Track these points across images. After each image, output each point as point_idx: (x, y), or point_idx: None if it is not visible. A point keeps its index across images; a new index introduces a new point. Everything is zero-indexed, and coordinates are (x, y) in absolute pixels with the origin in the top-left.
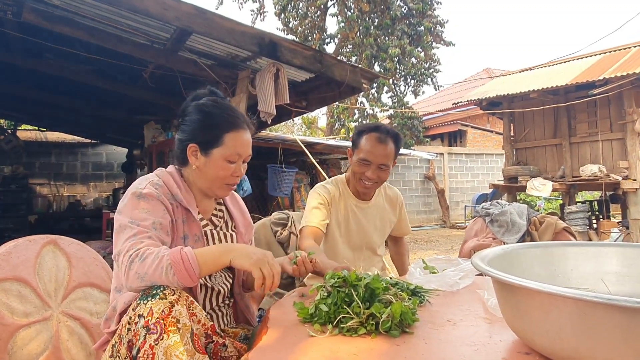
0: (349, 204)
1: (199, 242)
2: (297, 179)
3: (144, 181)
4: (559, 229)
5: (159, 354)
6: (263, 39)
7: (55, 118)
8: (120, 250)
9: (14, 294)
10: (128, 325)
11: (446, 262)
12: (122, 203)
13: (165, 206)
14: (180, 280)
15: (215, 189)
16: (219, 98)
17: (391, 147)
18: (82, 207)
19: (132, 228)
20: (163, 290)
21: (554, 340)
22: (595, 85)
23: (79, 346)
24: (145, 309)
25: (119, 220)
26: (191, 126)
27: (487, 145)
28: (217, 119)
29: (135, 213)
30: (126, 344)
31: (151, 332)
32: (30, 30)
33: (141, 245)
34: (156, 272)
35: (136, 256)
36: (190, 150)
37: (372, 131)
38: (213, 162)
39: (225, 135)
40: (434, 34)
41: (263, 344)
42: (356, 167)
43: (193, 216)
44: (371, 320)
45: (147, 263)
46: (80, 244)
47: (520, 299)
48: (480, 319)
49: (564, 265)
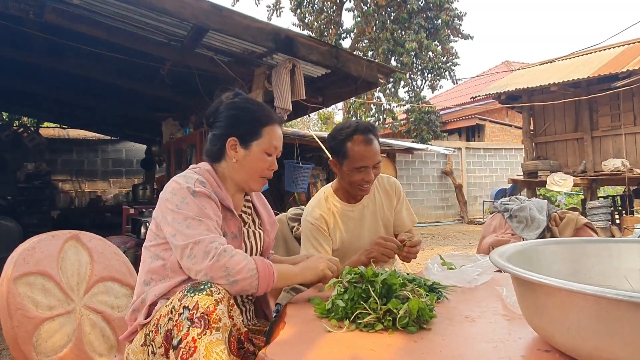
0: (344, 214)
1: (236, 240)
2: (314, 175)
3: (190, 179)
4: (580, 224)
5: (200, 348)
6: (279, 35)
7: (76, 116)
8: (200, 240)
9: (38, 287)
10: (169, 315)
11: (464, 258)
12: (175, 196)
13: (216, 204)
14: (260, 286)
15: (251, 183)
16: (247, 95)
17: (376, 142)
18: (103, 202)
19: (203, 222)
20: (210, 287)
21: (574, 338)
22: (618, 77)
23: (100, 339)
24: (192, 301)
25: (179, 213)
26: (228, 121)
27: (506, 140)
28: (255, 113)
29: (199, 209)
30: (164, 333)
31: (195, 325)
32: (52, 30)
33: (222, 240)
34: (243, 271)
35: (224, 250)
36: (229, 144)
37: (354, 134)
38: (253, 155)
39: (264, 128)
40: (451, 27)
41: (280, 338)
42: (353, 176)
43: (232, 213)
44: (388, 316)
45: (237, 260)
46: (101, 239)
47: (540, 296)
48: (499, 316)
49: (585, 262)
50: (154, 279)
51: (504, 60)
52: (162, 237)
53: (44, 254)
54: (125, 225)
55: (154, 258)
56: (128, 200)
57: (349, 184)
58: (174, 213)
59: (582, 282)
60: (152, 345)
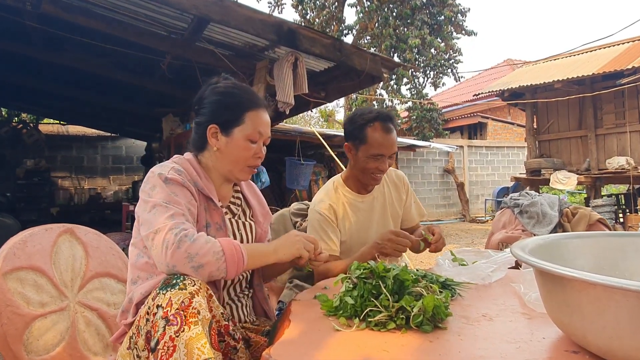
0: (354, 204)
1: (221, 231)
2: (315, 172)
3: (165, 167)
4: (593, 220)
5: (180, 346)
6: (281, 27)
7: (75, 112)
8: (159, 229)
9: (29, 283)
10: (147, 315)
11: (475, 254)
12: (147, 185)
13: (191, 192)
14: (228, 269)
15: (236, 172)
16: (233, 80)
17: (395, 133)
18: (103, 199)
19: (169, 208)
20: (183, 281)
21: (610, 339)
22: (623, 74)
23: (96, 337)
24: (164, 299)
25: (148, 201)
26: (210, 107)
27: (508, 138)
28: (237, 97)
29: (167, 195)
30: (144, 335)
31: (171, 323)
32: (50, 22)
33: (185, 225)
34: (208, 254)
35: (185, 236)
36: (210, 132)
37: (375, 121)
38: (234, 142)
39: (246, 113)
40: (454, 23)
41: (285, 338)
42: (368, 163)
43: (214, 204)
44: (401, 314)
45: (199, 244)
46: (96, 234)
47: (570, 292)
48: (519, 314)
49: (610, 257)
50: (141, 277)
51: (507, 59)
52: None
53: (36, 248)
54: (125, 222)
55: (139, 255)
56: (128, 197)
57: (362, 171)
58: (143, 202)
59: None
60: (136, 349)
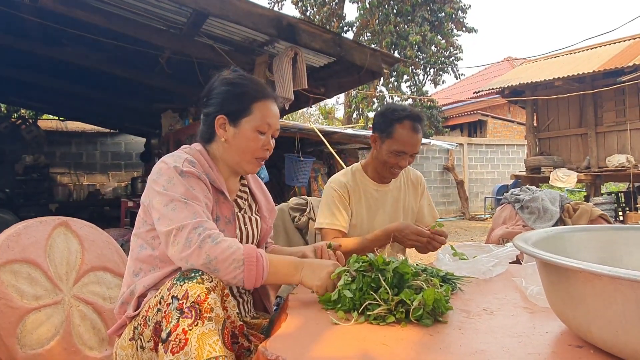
0: (368, 190)
1: (230, 225)
2: (315, 169)
3: (179, 159)
4: (594, 216)
5: (192, 340)
6: (281, 21)
7: (74, 108)
8: (183, 225)
9: (23, 276)
10: (158, 305)
11: (476, 248)
12: (162, 177)
13: (206, 185)
14: (245, 280)
15: (244, 164)
16: (242, 72)
17: (422, 134)
18: (102, 196)
19: (188, 204)
20: (201, 275)
21: (616, 332)
22: (624, 72)
23: (91, 331)
24: (181, 290)
25: (165, 195)
26: (218, 98)
27: (508, 136)
28: (245, 88)
29: (187, 190)
30: (152, 325)
31: (185, 316)
32: (48, 17)
33: (208, 224)
34: (226, 261)
35: (208, 237)
36: (218, 123)
37: (405, 119)
38: (243, 133)
39: (254, 104)
40: (455, 20)
41: (282, 331)
42: (390, 157)
43: (224, 197)
44: (400, 307)
45: (220, 248)
46: (92, 227)
47: (575, 285)
48: (520, 308)
49: (613, 250)
50: (143, 269)
51: (507, 57)
52: (150, 223)
53: (30, 241)
54: (124, 218)
55: (143, 246)
56: (127, 193)
57: (382, 163)
58: (159, 195)
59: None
60: (140, 339)
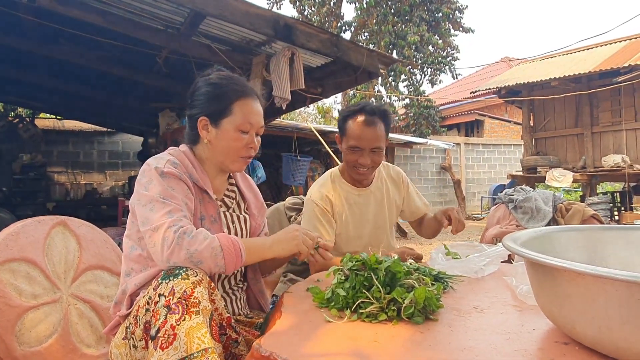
0: (350, 197)
1: (215, 223)
2: (312, 168)
3: (161, 160)
4: (587, 216)
5: (180, 335)
6: (278, 21)
7: (72, 106)
8: (158, 226)
9: (22, 275)
10: (147, 305)
11: (469, 247)
12: (144, 177)
13: (188, 185)
14: (227, 265)
15: (229, 163)
16: (226, 71)
17: (381, 128)
18: (99, 195)
19: (166, 204)
20: (186, 271)
21: (599, 329)
22: (619, 72)
23: (89, 329)
24: (167, 288)
25: (145, 195)
26: (200, 99)
27: (505, 136)
28: (225, 88)
29: (165, 190)
30: (142, 325)
31: (172, 312)
32: (46, 16)
33: (183, 222)
34: (206, 250)
35: (184, 233)
36: (201, 124)
37: (357, 114)
38: (224, 133)
39: (234, 103)
40: (452, 20)
41: (276, 329)
42: (347, 155)
43: (209, 196)
44: (392, 305)
45: (198, 240)
46: (90, 226)
47: (561, 283)
48: (510, 307)
49: (602, 249)
50: (135, 269)
51: (504, 57)
52: (137, 224)
53: (28, 240)
54: (121, 217)
55: (133, 247)
56: (124, 192)
57: (346, 162)
58: (140, 196)
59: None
60: (133, 339)
